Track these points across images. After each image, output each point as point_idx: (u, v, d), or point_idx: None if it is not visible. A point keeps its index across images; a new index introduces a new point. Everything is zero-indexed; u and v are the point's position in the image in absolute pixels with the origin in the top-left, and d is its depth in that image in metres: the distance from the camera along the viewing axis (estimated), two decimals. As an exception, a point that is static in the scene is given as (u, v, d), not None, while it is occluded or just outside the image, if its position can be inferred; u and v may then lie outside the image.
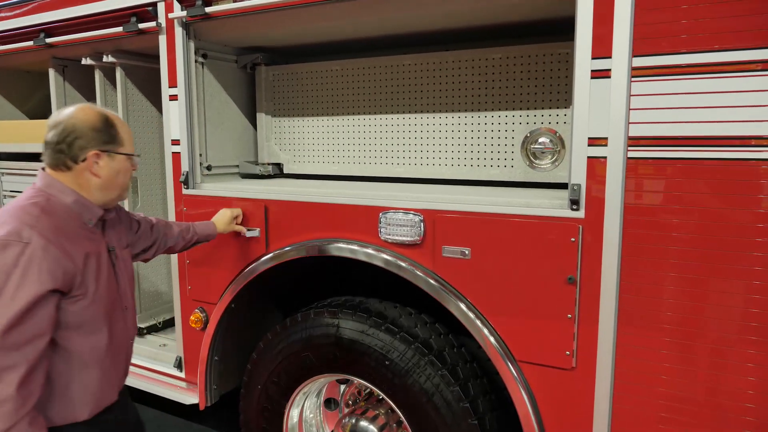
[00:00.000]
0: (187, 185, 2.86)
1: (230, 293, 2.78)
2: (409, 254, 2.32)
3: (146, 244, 2.27)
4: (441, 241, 2.22)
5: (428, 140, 2.75)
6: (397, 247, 2.33)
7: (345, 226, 2.44)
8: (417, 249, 2.29)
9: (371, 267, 2.43)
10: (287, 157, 3.15)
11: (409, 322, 2.51)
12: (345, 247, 2.44)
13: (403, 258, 2.32)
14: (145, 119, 3.41)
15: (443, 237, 2.22)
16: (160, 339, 3.40)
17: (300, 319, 2.66)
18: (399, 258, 2.31)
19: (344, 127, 2.96)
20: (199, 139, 2.90)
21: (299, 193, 2.58)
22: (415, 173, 2.79)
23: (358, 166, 2.94)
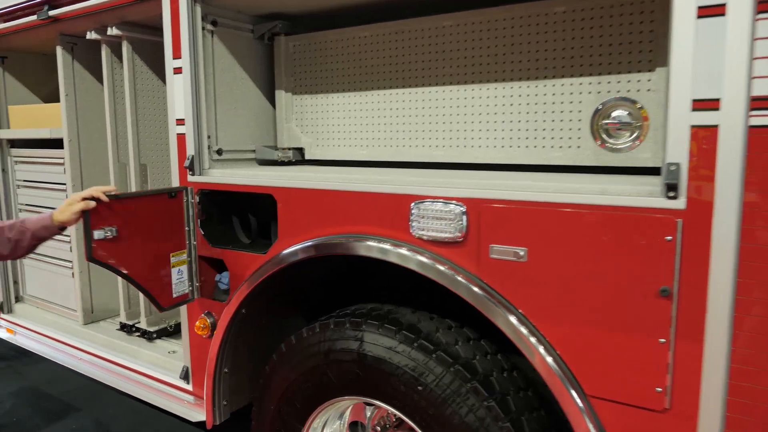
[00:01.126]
0: (192, 171, 2.47)
1: (239, 296, 2.37)
2: (446, 254, 1.85)
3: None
4: (488, 238, 1.74)
5: (473, 117, 2.26)
6: (431, 245, 1.87)
7: (367, 219, 2.00)
8: (457, 248, 1.82)
9: (394, 269, 1.97)
10: (309, 141, 2.72)
11: (448, 338, 2.04)
12: (373, 245, 1.98)
13: (442, 260, 1.84)
14: (155, 99, 3.06)
15: (491, 233, 1.74)
16: (169, 345, 3.05)
17: (318, 330, 2.23)
18: (438, 260, 1.84)
19: (375, 104, 2.51)
20: (207, 119, 2.50)
21: (311, 179, 2.15)
22: (457, 157, 2.31)
23: (391, 150, 2.48)
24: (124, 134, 3.08)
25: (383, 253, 1.94)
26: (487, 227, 1.75)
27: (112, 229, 2.26)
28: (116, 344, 3.09)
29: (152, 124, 3.06)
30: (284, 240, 2.23)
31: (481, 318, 2.05)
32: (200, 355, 2.62)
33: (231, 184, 2.38)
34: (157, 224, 2.44)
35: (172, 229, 2.49)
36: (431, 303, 2.25)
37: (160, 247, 2.46)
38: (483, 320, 2.07)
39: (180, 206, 2.50)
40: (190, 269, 2.56)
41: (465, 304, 1.98)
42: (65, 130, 3.16)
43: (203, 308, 2.57)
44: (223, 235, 2.61)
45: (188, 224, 2.52)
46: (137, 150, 2.97)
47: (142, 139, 3.00)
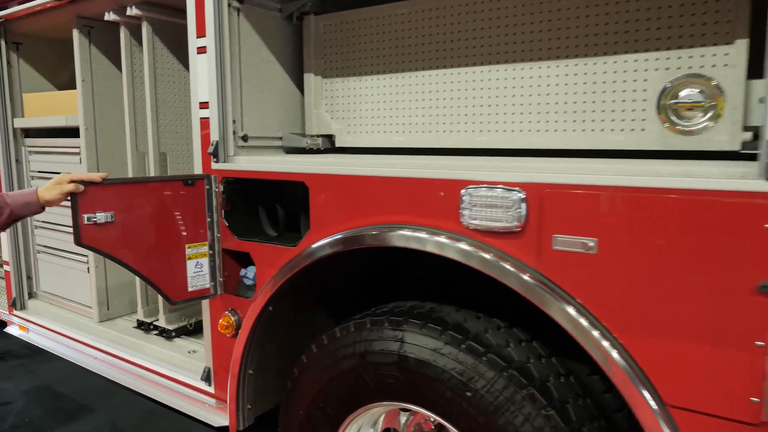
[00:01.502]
0: (216, 158, 2.31)
1: (266, 293, 2.20)
2: (502, 246, 1.66)
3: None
4: (552, 227, 1.56)
5: (522, 99, 2.08)
6: (484, 235, 1.68)
7: (411, 207, 1.82)
8: (515, 238, 1.63)
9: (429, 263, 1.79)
10: (340, 128, 2.55)
11: (499, 340, 1.86)
12: (408, 235, 1.81)
13: (488, 248, 1.66)
14: (177, 84, 2.91)
15: (555, 222, 1.55)
16: (189, 344, 2.88)
17: (353, 329, 2.05)
18: (482, 248, 1.66)
19: (412, 87, 2.33)
20: (232, 102, 2.34)
21: (347, 165, 1.97)
22: (503, 143, 2.13)
23: (429, 136, 2.30)
24: (143, 122, 2.93)
25: (439, 248, 1.74)
26: (551, 215, 1.56)
27: (106, 214, 2.14)
28: (133, 343, 2.94)
29: (173, 111, 2.90)
30: (316, 232, 2.05)
31: (529, 318, 1.89)
32: (223, 356, 2.45)
33: (259, 172, 2.21)
34: (169, 213, 2.28)
35: (189, 218, 2.33)
36: (471, 300, 2.08)
37: (173, 238, 2.31)
38: (531, 320, 1.91)
39: (199, 195, 2.34)
40: (213, 263, 2.39)
41: (510, 303, 1.82)
42: (81, 117, 3.01)
43: (227, 305, 2.40)
44: (249, 227, 2.44)
45: (210, 215, 2.35)
46: (157, 138, 2.82)
47: (162, 126, 2.84)
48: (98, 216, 2.16)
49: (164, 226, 2.30)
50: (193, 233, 2.36)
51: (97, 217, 2.16)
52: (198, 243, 2.38)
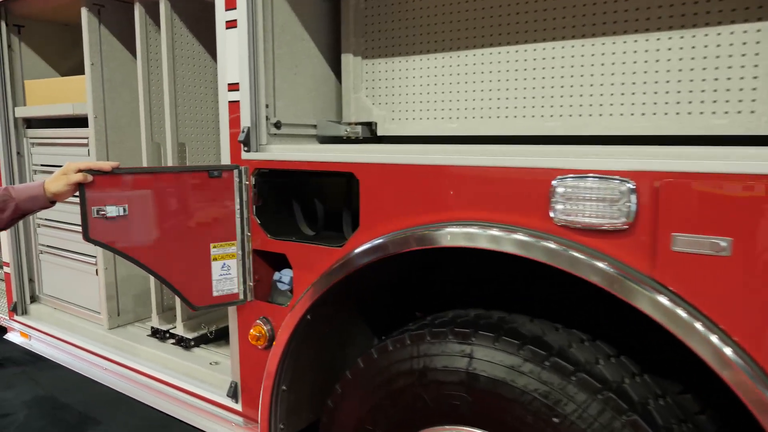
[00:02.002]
0: (248, 147, 2.05)
1: (306, 300, 1.93)
2: (603, 246, 1.40)
3: None
4: (670, 224, 1.30)
5: (603, 78, 1.82)
6: (581, 234, 1.42)
7: (487, 202, 1.55)
8: (620, 238, 1.38)
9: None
10: (383, 114, 2.28)
11: (586, 355, 1.60)
12: (473, 232, 1.54)
13: (581, 248, 1.40)
14: (197, 68, 2.64)
15: (675, 218, 1.29)
16: (210, 354, 2.62)
17: (409, 342, 1.79)
18: (573, 248, 1.40)
19: (469, 66, 2.07)
20: (266, 84, 2.07)
21: (405, 152, 1.71)
22: (580, 128, 1.87)
23: (490, 122, 2.04)
24: (159, 110, 2.66)
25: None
26: (669, 210, 1.30)
27: (118, 207, 1.92)
28: (147, 352, 2.67)
29: (192, 97, 2.64)
30: (367, 230, 1.79)
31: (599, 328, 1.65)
32: (253, 369, 2.19)
33: (298, 162, 1.94)
34: (191, 208, 2.03)
35: (215, 214, 2.08)
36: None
37: (196, 236, 2.06)
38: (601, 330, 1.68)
39: (226, 188, 2.07)
40: (243, 265, 2.13)
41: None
42: (90, 105, 2.74)
43: (258, 313, 2.14)
44: (282, 224, 2.18)
45: (240, 211, 2.09)
46: (176, 127, 2.55)
47: (181, 114, 2.57)
48: (109, 209, 1.94)
49: (185, 223, 2.06)
50: (219, 231, 2.10)
51: (107, 211, 1.93)
52: (225, 242, 2.11)
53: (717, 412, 1.61)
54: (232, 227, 2.11)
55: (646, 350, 1.67)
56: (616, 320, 2.02)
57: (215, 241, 2.10)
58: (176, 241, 2.05)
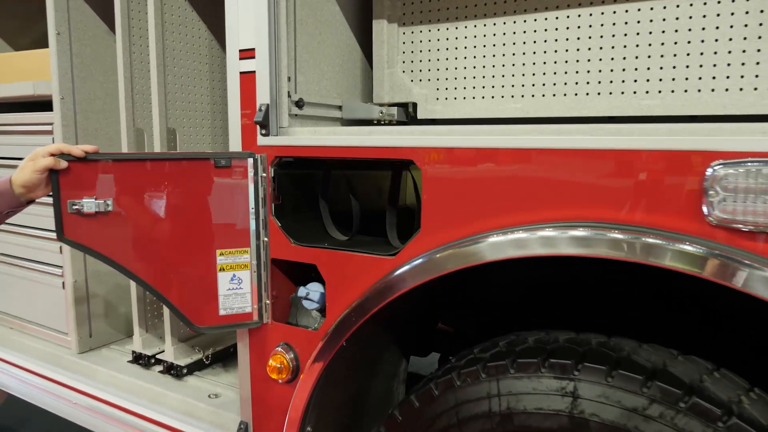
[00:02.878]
0: (266, 130, 1.63)
1: (346, 325, 1.53)
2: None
3: None
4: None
5: (716, 45, 1.47)
6: (740, 237, 1.07)
7: (609, 196, 1.19)
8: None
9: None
10: (424, 93, 1.90)
11: (725, 391, 1.25)
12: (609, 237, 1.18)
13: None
14: (189, 38, 2.19)
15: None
16: (209, 384, 2.18)
17: (485, 376, 1.41)
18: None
19: (538, 33, 1.70)
20: (288, 52, 1.66)
21: (492, 134, 1.33)
22: (685, 107, 1.52)
23: (564, 101, 1.69)
24: (143, 89, 2.21)
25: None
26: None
27: (99, 201, 1.55)
28: (128, 383, 2.21)
29: (184, 74, 2.20)
30: (431, 234, 1.40)
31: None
32: (270, 407, 1.78)
33: (335, 148, 1.54)
34: (193, 205, 1.64)
35: (222, 214, 1.67)
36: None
37: (198, 240, 1.67)
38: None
39: (238, 181, 1.67)
40: (259, 278, 1.71)
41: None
42: (56, 84, 2.26)
43: (277, 338, 1.73)
44: (305, 228, 1.77)
45: (256, 211, 1.68)
46: (164, 110, 2.10)
47: (171, 95, 2.13)
48: (86, 203, 1.54)
49: (185, 224, 1.65)
50: (227, 235, 1.69)
51: (84, 205, 1.54)
52: (235, 249, 1.70)
53: None
54: (244, 231, 1.69)
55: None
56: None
57: (223, 248, 1.68)
58: (173, 245, 1.64)
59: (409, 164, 1.46)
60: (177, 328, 2.22)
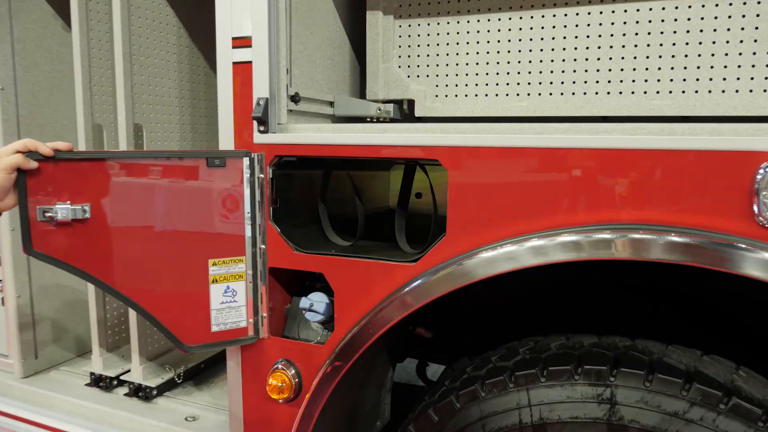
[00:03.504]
0: (265, 126, 1.50)
1: (363, 336, 1.43)
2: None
3: None
4: None
5: (729, 48, 1.49)
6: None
7: (653, 197, 1.17)
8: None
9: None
10: (423, 89, 1.82)
11: (761, 391, 1.26)
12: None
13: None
14: (156, 26, 2.00)
15: None
16: (183, 405, 2.00)
17: (513, 386, 1.36)
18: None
19: (545, 29, 1.67)
20: (287, 42, 1.53)
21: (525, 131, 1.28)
22: (697, 108, 1.54)
23: (572, 100, 1.67)
24: (103, 80, 1.99)
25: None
26: None
27: (74, 208, 1.37)
28: (88, 409, 1.98)
29: (151, 64, 1.99)
30: (457, 238, 1.33)
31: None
32: (265, 429, 1.63)
33: (345, 146, 1.43)
34: (181, 210, 1.49)
35: (215, 220, 1.52)
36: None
37: (188, 249, 1.52)
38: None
39: (233, 183, 1.53)
40: (255, 290, 1.57)
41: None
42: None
43: (276, 354, 1.60)
44: (302, 233, 1.65)
45: (252, 215, 1.54)
46: (131, 103, 1.89)
47: (138, 87, 1.92)
48: (60, 209, 1.35)
49: (174, 232, 1.48)
50: (220, 244, 1.55)
51: (58, 211, 1.34)
52: (229, 258, 1.55)
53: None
54: (239, 238, 1.55)
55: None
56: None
57: (216, 257, 1.53)
58: (161, 256, 1.47)
59: (423, 163, 1.38)
60: (145, 345, 2.02)
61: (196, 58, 2.17)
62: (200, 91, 2.21)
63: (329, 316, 1.55)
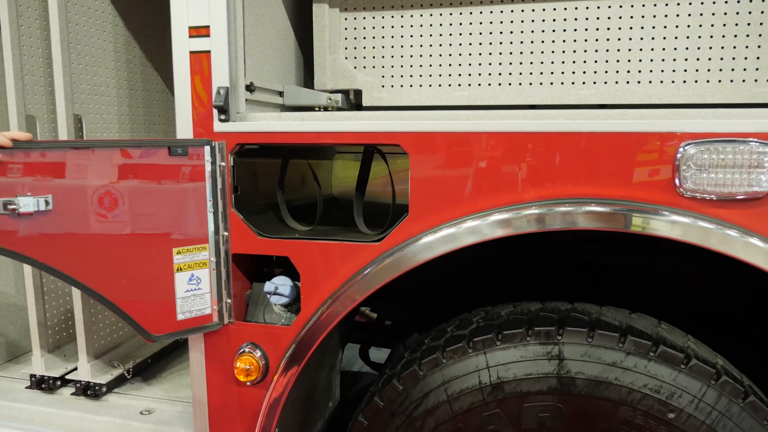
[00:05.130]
0: (226, 115, 1.53)
1: (329, 316, 1.51)
2: (733, 217, 1.28)
3: None
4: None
5: (642, 43, 1.72)
6: (707, 205, 1.28)
7: (593, 173, 1.34)
8: (754, 208, 1.26)
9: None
10: (370, 80, 1.91)
11: (681, 339, 1.48)
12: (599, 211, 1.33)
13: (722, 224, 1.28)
14: (92, 13, 1.94)
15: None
16: (135, 400, 1.97)
17: (472, 351, 1.49)
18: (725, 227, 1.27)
19: (483, 24, 1.82)
20: (244, 33, 1.57)
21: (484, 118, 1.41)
22: (617, 97, 1.76)
23: (510, 90, 1.83)
24: (34, 69, 1.90)
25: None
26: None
27: (37, 199, 1.35)
28: (33, 412, 1.90)
29: (89, 53, 1.93)
30: (420, 218, 1.44)
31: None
32: (232, 412, 1.67)
33: (306, 133, 1.50)
34: (145, 199, 1.49)
35: (177, 208, 1.54)
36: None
37: (152, 239, 1.53)
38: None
39: (194, 172, 1.55)
40: (218, 276, 1.60)
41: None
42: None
43: (241, 338, 1.64)
44: (261, 219, 1.69)
45: (214, 203, 1.57)
46: (70, 93, 1.83)
47: (76, 76, 1.86)
48: (23, 201, 1.33)
49: (137, 221, 1.49)
50: (184, 232, 1.56)
51: (19, 204, 1.32)
52: (193, 246, 1.57)
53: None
54: (202, 225, 1.57)
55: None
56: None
57: (180, 246, 1.54)
58: (125, 246, 1.47)
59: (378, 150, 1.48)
60: (92, 343, 1.96)
61: (132, 47, 2.11)
62: (137, 81, 2.16)
63: (293, 298, 1.61)
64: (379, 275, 1.47)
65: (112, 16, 2.02)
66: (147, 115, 2.21)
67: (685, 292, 1.95)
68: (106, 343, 2.05)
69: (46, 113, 1.92)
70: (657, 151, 1.30)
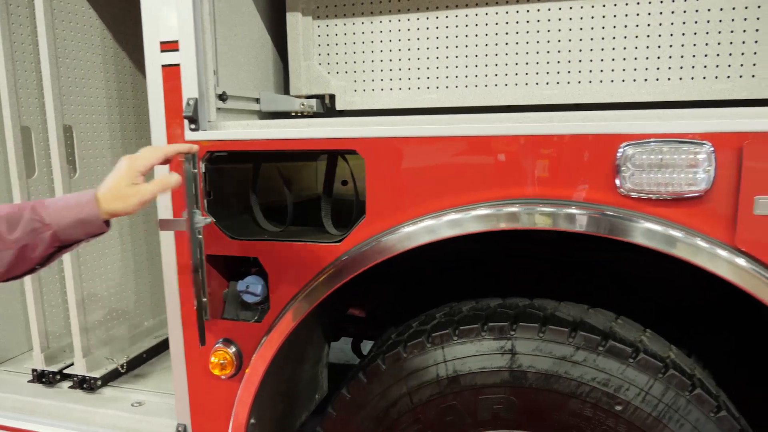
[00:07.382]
0: (196, 124, 1.63)
1: (294, 312, 1.60)
2: (672, 216, 1.32)
3: None
4: (752, 188, 1.25)
5: (603, 43, 1.76)
6: (647, 204, 1.33)
7: (538, 176, 1.39)
8: (692, 206, 1.31)
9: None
10: (342, 85, 1.99)
11: (633, 334, 1.53)
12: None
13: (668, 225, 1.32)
14: (80, 28, 2.06)
15: (759, 180, 1.25)
16: (128, 393, 2.10)
17: (431, 345, 1.56)
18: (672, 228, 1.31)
19: (450, 28, 1.88)
20: (213, 45, 1.66)
21: (432, 123, 1.48)
22: (580, 96, 1.80)
23: (476, 92, 1.89)
24: (28, 83, 2.03)
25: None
26: (753, 172, 1.25)
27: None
28: (34, 405, 2.05)
29: (78, 66, 2.05)
30: (376, 219, 1.52)
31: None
32: (211, 405, 1.79)
33: (272, 141, 1.59)
34: None
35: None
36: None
37: None
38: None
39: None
40: (195, 277, 1.70)
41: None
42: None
43: (217, 334, 1.74)
44: (237, 223, 1.79)
45: (190, 207, 1.66)
46: (60, 105, 1.95)
47: (66, 88, 1.98)
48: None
49: (113, 229, 1.58)
50: (158, 236, 1.66)
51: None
52: (168, 249, 1.67)
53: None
54: (176, 229, 1.67)
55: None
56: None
57: (155, 249, 1.65)
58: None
59: (343, 154, 1.55)
60: (87, 339, 2.10)
61: (121, 58, 2.23)
62: (127, 91, 2.28)
63: (264, 296, 1.71)
64: (339, 274, 1.56)
65: (101, 30, 2.14)
66: (138, 122, 2.33)
67: (661, 287, 1.99)
68: (101, 340, 2.18)
69: (40, 123, 2.05)
70: (598, 152, 1.36)
